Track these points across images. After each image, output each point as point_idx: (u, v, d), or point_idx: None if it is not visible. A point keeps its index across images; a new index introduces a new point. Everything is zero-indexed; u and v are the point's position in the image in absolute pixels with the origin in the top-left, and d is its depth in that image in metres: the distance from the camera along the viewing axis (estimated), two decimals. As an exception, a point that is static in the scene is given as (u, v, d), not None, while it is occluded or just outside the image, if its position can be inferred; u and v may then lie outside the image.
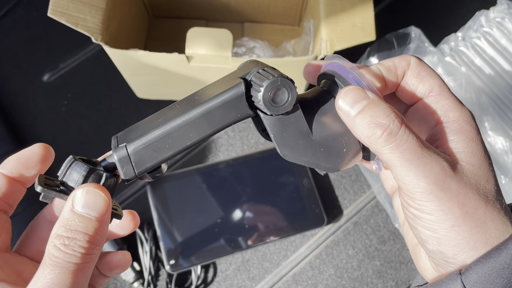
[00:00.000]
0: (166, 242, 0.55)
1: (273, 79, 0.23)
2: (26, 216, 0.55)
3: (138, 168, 0.24)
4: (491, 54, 0.64)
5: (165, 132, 0.24)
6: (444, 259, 0.23)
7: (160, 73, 0.54)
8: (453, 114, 0.24)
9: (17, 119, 0.63)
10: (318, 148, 0.25)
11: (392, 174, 0.23)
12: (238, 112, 0.24)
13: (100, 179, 0.24)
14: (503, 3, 0.65)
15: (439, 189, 0.21)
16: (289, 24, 0.69)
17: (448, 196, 0.21)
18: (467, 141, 0.23)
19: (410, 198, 0.23)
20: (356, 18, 0.49)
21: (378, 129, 0.22)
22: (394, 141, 0.22)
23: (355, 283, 0.57)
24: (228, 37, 0.49)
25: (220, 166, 0.59)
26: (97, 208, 0.22)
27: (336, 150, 0.25)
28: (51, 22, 0.46)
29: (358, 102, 0.23)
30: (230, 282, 0.57)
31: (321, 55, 0.48)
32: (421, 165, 0.21)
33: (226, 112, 0.24)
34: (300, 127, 0.25)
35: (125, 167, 0.24)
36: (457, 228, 0.22)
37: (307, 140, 0.25)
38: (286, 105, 0.23)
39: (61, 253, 0.21)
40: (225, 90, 0.24)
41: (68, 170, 0.24)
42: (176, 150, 0.24)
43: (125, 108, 0.65)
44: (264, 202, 0.58)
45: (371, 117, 0.22)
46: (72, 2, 0.46)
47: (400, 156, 0.22)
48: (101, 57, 0.67)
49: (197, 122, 0.24)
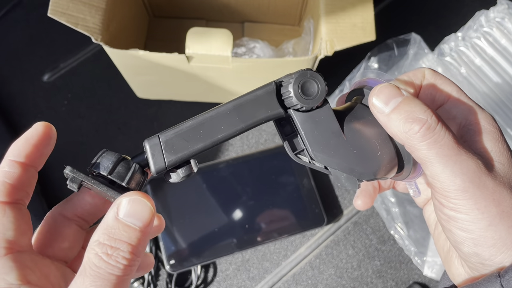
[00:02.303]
0: (166, 242, 0.55)
1: (302, 71, 0.23)
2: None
3: (169, 158, 0.23)
4: (491, 54, 0.64)
5: (197, 123, 0.24)
6: (481, 261, 0.22)
7: (160, 73, 0.54)
8: (474, 117, 0.24)
9: (17, 119, 0.63)
10: (351, 150, 0.24)
11: (427, 173, 0.23)
12: (268, 108, 0.24)
13: (129, 169, 0.23)
14: (503, 3, 0.65)
15: (475, 187, 0.21)
16: (289, 24, 0.69)
17: (484, 194, 0.21)
18: (493, 141, 0.23)
19: (444, 197, 0.22)
20: (356, 18, 0.49)
21: (415, 124, 0.21)
22: (432, 136, 0.21)
23: (355, 283, 0.57)
24: (228, 37, 0.49)
25: (220, 166, 0.59)
26: (142, 218, 0.22)
27: (370, 153, 0.24)
28: (51, 22, 0.46)
29: (393, 98, 0.22)
30: (230, 282, 0.57)
31: (321, 55, 0.48)
32: (458, 161, 0.21)
33: (257, 107, 0.24)
34: (331, 126, 0.24)
35: (155, 156, 0.23)
36: (494, 227, 0.21)
37: (339, 140, 0.24)
38: (317, 97, 0.23)
39: (104, 263, 0.20)
40: (257, 88, 0.25)
41: (98, 159, 0.23)
42: (208, 142, 0.24)
43: (125, 108, 0.65)
44: (264, 202, 0.58)
45: (408, 112, 0.22)
46: (72, 2, 0.46)
47: (438, 152, 0.21)
48: (101, 57, 0.67)
49: (229, 115, 0.24)
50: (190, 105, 0.65)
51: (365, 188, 0.31)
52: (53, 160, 0.62)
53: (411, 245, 0.56)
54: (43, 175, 0.60)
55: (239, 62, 0.50)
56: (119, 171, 0.23)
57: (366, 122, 0.25)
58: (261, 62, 0.51)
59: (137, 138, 0.63)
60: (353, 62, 0.61)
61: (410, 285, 0.57)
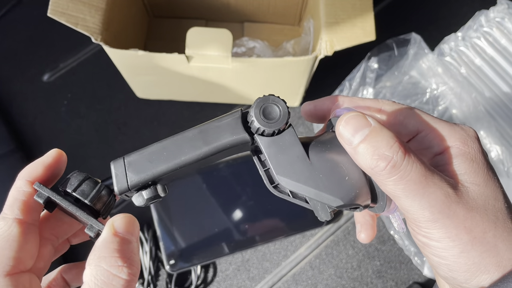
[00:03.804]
0: (166, 242, 0.55)
1: (264, 97, 0.24)
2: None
3: (131, 178, 0.24)
4: (491, 54, 0.64)
5: (161, 145, 0.24)
6: (458, 284, 0.22)
7: (160, 73, 0.54)
8: (446, 143, 0.24)
9: (17, 119, 0.63)
10: (317, 174, 0.24)
11: (397, 205, 0.23)
12: (233, 133, 0.24)
13: (93, 188, 0.24)
14: (503, 3, 0.65)
15: (444, 217, 0.21)
16: (289, 24, 0.69)
17: (454, 222, 0.21)
18: (468, 162, 0.23)
19: (416, 226, 0.22)
20: (356, 18, 0.49)
21: (381, 161, 0.21)
22: (398, 173, 0.21)
23: (355, 283, 0.57)
24: (228, 37, 0.49)
25: (220, 166, 0.59)
26: (134, 231, 0.23)
27: (337, 177, 0.24)
28: (51, 22, 0.46)
29: (360, 129, 0.22)
30: (230, 282, 0.57)
31: (321, 55, 0.48)
32: (426, 194, 0.21)
33: (222, 132, 0.24)
34: (296, 150, 0.24)
35: (118, 176, 0.24)
36: (466, 254, 0.21)
37: (304, 164, 0.24)
38: (279, 120, 0.24)
39: (112, 277, 0.21)
40: (223, 115, 0.25)
41: (68, 178, 0.25)
42: (171, 164, 0.24)
43: (125, 108, 0.65)
44: (263, 202, 0.58)
45: (374, 148, 0.21)
46: (72, 2, 0.46)
47: (404, 187, 0.21)
48: (101, 57, 0.67)
49: (193, 138, 0.24)
50: (190, 105, 0.65)
51: (363, 220, 0.31)
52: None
53: (411, 245, 0.56)
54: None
55: (239, 62, 0.50)
56: (84, 189, 0.24)
57: (332, 148, 0.25)
58: (261, 62, 0.51)
59: (137, 138, 0.63)
60: (353, 62, 0.61)
61: (410, 285, 0.57)
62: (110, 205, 0.25)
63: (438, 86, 0.61)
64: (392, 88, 0.62)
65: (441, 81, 0.61)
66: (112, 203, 0.25)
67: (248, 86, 0.58)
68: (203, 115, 0.64)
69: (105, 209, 0.25)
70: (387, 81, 0.63)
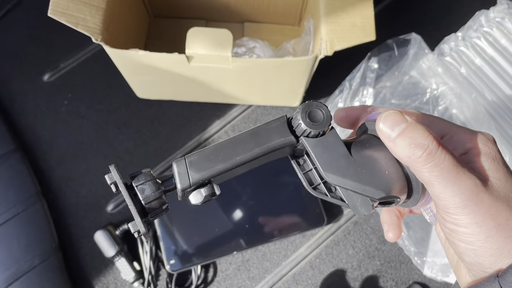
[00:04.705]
0: (167, 242, 0.55)
1: (308, 102, 0.27)
2: (24, 217, 0.56)
3: (193, 176, 0.26)
4: (491, 54, 0.64)
5: (218, 146, 0.27)
6: (483, 269, 0.24)
7: (160, 73, 0.54)
8: (469, 144, 0.26)
9: (18, 119, 0.63)
10: (360, 169, 0.26)
11: (430, 192, 0.25)
12: (281, 135, 0.27)
13: (155, 190, 0.26)
14: (503, 3, 0.65)
15: (473, 204, 0.23)
16: (289, 24, 0.70)
17: (481, 209, 0.23)
18: (490, 160, 0.25)
19: (446, 213, 0.24)
20: (356, 18, 0.49)
21: (418, 149, 0.24)
22: (433, 160, 0.23)
23: (355, 283, 0.57)
24: (228, 37, 0.49)
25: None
26: None
27: (378, 172, 0.26)
28: (52, 22, 0.46)
29: (398, 124, 0.25)
30: (230, 282, 0.57)
31: (321, 55, 0.48)
32: (457, 182, 0.23)
33: (271, 135, 0.27)
34: (339, 149, 0.27)
35: (181, 174, 0.26)
36: (491, 239, 0.23)
37: (348, 161, 0.26)
38: (324, 122, 0.26)
39: None
40: (270, 120, 0.28)
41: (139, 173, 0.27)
42: (227, 164, 0.27)
43: (125, 108, 0.65)
44: (264, 202, 0.58)
45: (411, 138, 0.24)
46: (72, 2, 0.46)
47: (438, 174, 0.24)
48: (101, 57, 0.68)
49: (246, 141, 0.27)
50: (190, 105, 0.65)
51: (390, 221, 0.34)
52: (53, 160, 0.63)
53: (411, 245, 0.56)
54: (44, 175, 0.60)
55: (239, 62, 0.50)
56: (144, 188, 0.26)
57: (371, 146, 0.28)
58: (261, 62, 0.51)
59: (137, 138, 0.63)
60: (353, 62, 0.61)
61: (410, 285, 0.57)
62: (160, 212, 0.27)
63: (438, 86, 0.61)
64: (392, 88, 0.62)
65: (441, 81, 0.61)
66: (163, 211, 0.27)
67: (248, 86, 0.58)
68: (203, 115, 0.64)
69: (154, 213, 0.27)
70: (387, 81, 0.63)
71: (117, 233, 0.56)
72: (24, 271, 0.53)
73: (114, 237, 0.55)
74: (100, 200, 0.60)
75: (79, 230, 0.58)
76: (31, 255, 0.54)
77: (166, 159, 0.62)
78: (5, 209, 0.55)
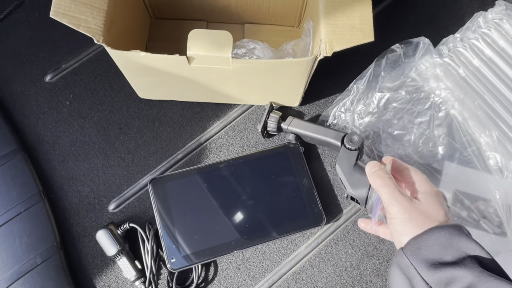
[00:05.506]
0: (168, 241, 0.55)
1: (351, 133, 0.56)
2: (27, 216, 0.56)
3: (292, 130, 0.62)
4: (489, 55, 0.65)
5: (311, 125, 0.60)
6: (400, 243, 0.41)
7: (162, 74, 0.55)
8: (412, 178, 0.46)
9: (20, 119, 0.64)
10: (355, 174, 0.52)
11: (382, 200, 0.44)
12: (337, 139, 0.57)
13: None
14: (501, 5, 0.66)
15: (401, 208, 0.42)
16: (288, 26, 0.70)
17: (405, 210, 0.42)
18: (420, 180, 0.46)
19: (387, 213, 0.44)
20: (355, 19, 0.49)
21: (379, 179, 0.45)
22: (385, 186, 0.44)
23: (354, 282, 0.58)
24: (228, 38, 0.50)
25: (221, 165, 0.60)
26: None
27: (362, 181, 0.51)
28: (53, 24, 0.46)
29: (372, 168, 0.47)
30: (230, 280, 0.57)
31: (320, 56, 0.49)
32: (395, 196, 0.43)
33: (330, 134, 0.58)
34: (352, 159, 0.53)
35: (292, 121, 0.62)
36: (405, 226, 0.42)
37: (354, 167, 0.53)
38: (355, 144, 0.55)
39: None
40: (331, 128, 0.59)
41: None
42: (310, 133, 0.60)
43: (126, 108, 0.65)
44: (264, 202, 0.59)
45: (377, 175, 0.46)
46: (74, 3, 0.46)
47: (387, 191, 0.44)
48: (103, 58, 0.68)
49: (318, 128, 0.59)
50: (191, 105, 0.65)
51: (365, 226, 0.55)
52: (55, 160, 0.63)
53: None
54: (45, 175, 0.60)
55: (239, 63, 0.51)
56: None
57: (362, 171, 0.51)
58: (261, 63, 0.52)
59: (138, 138, 0.63)
60: (353, 62, 0.62)
61: (408, 284, 0.58)
62: None
63: (440, 91, 0.61)
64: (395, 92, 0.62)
65: (442, 83, 0.62)
66: None
67: (248, 87, 0.59)
68: (204, 115, 0.65)
69: None
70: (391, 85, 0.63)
71: (118, 233, 0.56)
72: (26, 270, 0.54)
73: (116, 236, 0.55)
74: (101, 199, 0.60)
75: (80, 230, 0.58)
76: (33, 254, 0.54)
77: (167, 159, 0.62)
78: (8, 209, 0.56)
